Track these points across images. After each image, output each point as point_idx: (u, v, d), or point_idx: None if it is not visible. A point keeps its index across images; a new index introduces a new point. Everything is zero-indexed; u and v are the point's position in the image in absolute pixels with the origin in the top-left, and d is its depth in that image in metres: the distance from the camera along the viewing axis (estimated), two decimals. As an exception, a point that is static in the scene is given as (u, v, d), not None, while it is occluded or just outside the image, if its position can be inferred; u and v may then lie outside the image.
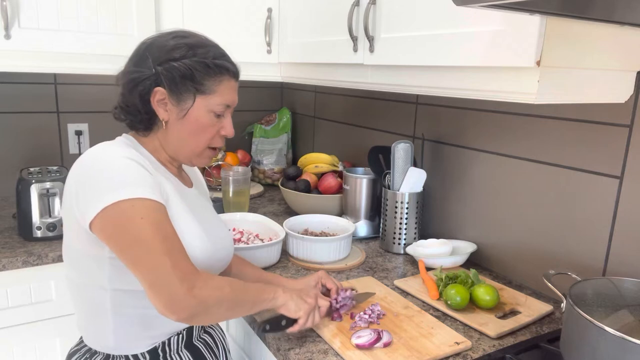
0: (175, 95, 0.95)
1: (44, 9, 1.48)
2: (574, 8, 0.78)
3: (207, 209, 1.11)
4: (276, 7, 1.67)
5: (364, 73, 1.31)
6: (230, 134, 1.02)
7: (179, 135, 0.98)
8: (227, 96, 0.98)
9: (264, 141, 2.35)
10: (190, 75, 0.94)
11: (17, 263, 1.37)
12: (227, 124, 1.01)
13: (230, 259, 1.11)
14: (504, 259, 1.39)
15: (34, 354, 1.46)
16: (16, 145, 1.92)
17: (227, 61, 0.99)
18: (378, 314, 1.09)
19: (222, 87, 0.97)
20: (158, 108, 0.96)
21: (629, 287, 0.94)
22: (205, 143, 1.00)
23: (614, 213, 1.11)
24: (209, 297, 0.85)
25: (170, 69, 0.94)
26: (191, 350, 1.01)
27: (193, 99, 0.95)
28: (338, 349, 0.98)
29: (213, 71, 0.96)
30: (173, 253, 0.84)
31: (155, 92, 0.94)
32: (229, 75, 0.98)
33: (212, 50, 0.97)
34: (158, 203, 0.86)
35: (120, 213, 0.83)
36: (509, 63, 0.90)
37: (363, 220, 1.65)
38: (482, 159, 1.42)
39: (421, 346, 0.98)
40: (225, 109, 1.00)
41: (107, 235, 0.85)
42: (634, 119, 1.06)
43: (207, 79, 0.95)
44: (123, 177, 0.85)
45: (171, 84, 0.94)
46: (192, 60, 0.94)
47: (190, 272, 0.84)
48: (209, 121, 0.98)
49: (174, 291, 0.81)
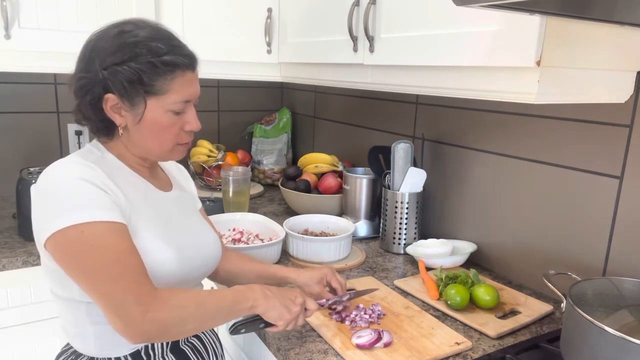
0: (127, 100, 0.89)
1: (44, 9, 1.49)
2: (574, 8, 0.78)
3: (185, 213, 1.05)
4: (276, 7, 1.67)
5: (363, 73, 1.31)
6: (196, 128, 0.96)
7: (140, 138, 0.93)
8: (183, 92, 0.91)
9: (264, 141, 2.35)
10: (139, 79, 0.87)
11: (17, 263, 1.37)
12: (191, 118, 0.95)
13: (213, 264, 1.06)
14: (504, 259, 1.39)
15: (34, 354, 1.46)
16: (16, 145, 1.92)
17: (179, 54, 0.90)
18: (378, 314, 1.09)
19: (175, 84, 0.90)
20: (113, 114, 0.91)
21: (629, 287, 0.94)
22: (171, 142, 0.95)
23: (614, 213, 1.11)
24: (167, 318, 0.81)
25: (117, 73, 0.87)
26: (177, 354, 0.99)
27: (145, 102, 0.89)
28: (338, 349, 0.98)
29: (162, 70, 0.88)
30: (126, 276, 0.80)
31: (107, 99, 0.89)
32: (182, 69, 0.91)
33: (161, 44, 0.89)
34: (111, 223, 0.83)
35: (69, 240, 0.81)
36: (509, 63, 0.90)
37: (363, 220, 1.65)
38: (482, 159, 1.42)
39: (421, 346, 0.98)
40: (185, 104, 0.93)
41: (59, 260, 0.84)
42: (634, 119, 1.06)
43: (156, 80, 0.89)
44: (73, 200, 0.82)
45: (120, 89, 0.88)
46: (139, 62, 0.87)
47: (145, 293, 0.81)
48: (169, 120, 0.92)
49: (128, 316, 0.79)
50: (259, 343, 1.14)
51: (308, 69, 1.57)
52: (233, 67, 1.73)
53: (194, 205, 1.13)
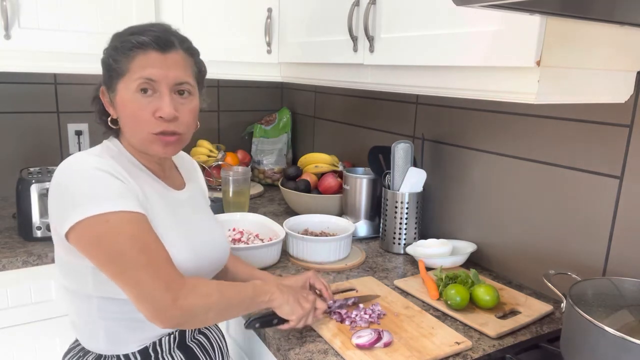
0: (108, 88, 0.94)
1: (44, 9, 1.49)
2: (574, 8, 0.78)
3: (196, 212, 1.06)
4: (276, 7, 1.67)
5: (364, 73, 1.31)
6: (167, 115, 0.89)
7: (124, 128, 0.94)
8: (144, 71, 0.89)
9: (264, 141, 2.35)
10: (108, 64, 0.91)
11: (17, 263, 1.37)
12: (163, 103, 0.89)
13: (224, 261, 1.08)
14: (504, 259, 1.39)
15: (34, 354, 1.46)
16: (16, 145, 1.92)
17: (142, 34, 0.89)
18: (378, 313, 1.09)
19: (136, 62, 0.89)
20: (108, 107, 0.95)
21: (629, 287, 0.94)
22: (144, 129, 0.91)
23: (614, 213, 1.11)
24: (195, 305, 0.84)
25: (102, 63, 0.94)
26: (184, 351, 1.00)
27: (116, 85, 0.91)
28: (338, 349, 0.98)
29: (122, 50, 0.90)
30: (154, 264, 0.82)
31: (102, 91, 0.95)
32: (144, 48, 0.89)
33: (129, 30, 0.92)
34: (134, 213, 0.84)
35: (94, 229, 0.82)
36: (509, 63, 0.90)
37: (363, 220, 1.65)
38: (482, 159, 1.42)
39: (422, 346, 0.98)
40: (150, 85, 0.89)
41: (84, 250, 0.84)
42: (634, 119, 1.06)
43: (119, 60, 0.90)
44: (95, 190, 0.83)
45: (104, 78, 0.94)
46: (108, 48, 0.93)
47: (173, 280, 0.83)
48: (137, 104, 0.89)
49: (158, 302, 0.81)
50: (259, 343, 1.14)
51: (308, 69, 1.57)
52: (233, 67, 1.73)
53: (205, 203, 1.14)
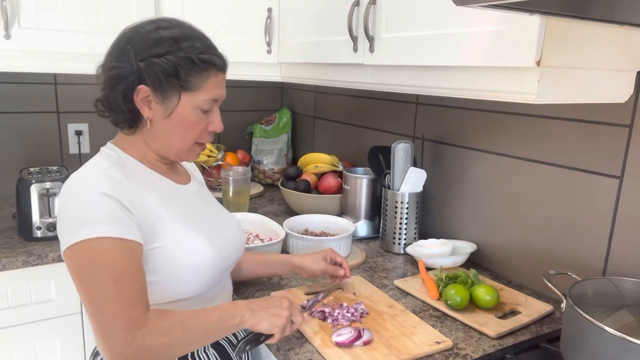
0: (160, 93, 0.91)
1: (44, 9, 1.48)
2: (574, 8, 0.78)
3: (208, 203, 1.08)
4: (276, 7, 1.67)
5: (364, 73, 1.31)
6: (219, 129, 0.99)
7: (165, 133, 0.95)
8: (214, 91, 0.94)
9: (264, 141, 2.35)
10: (175, 73, 0.90)
11: (17, 263, 1.37)
12: (216, 118, 0.98)
13: (241, 251, 1.10)
14: (504, 259, 1.39)
15: (34, 354, 1.46)
16: (16, 145, 1.91)
17: (214, 54, 0.95)
18: (361, 312, 1.09)
19: (208, 82, 0.93)
20: (142, 106, 0.92)
21: (629, 287, 0.94)
22: (193, 140, 0.97)
23: (614, 213, 1.11)
24: (153, 346, 0.81)
25: (153, 65, 0.89)
26: (217, 349, 1.00)
27: (179, 96, 0.92)
28: (318, 347, 0.98)
29: (199, 67, 0.91)
30: (121, 298, 0.80)
31: (139, 90, 0.90)
32: (216, 69, 0.94)
33: (197, 43, 0.92)
34: (120, 240, 0.83)
35: (77, 254, 0.82)
36: (509, 63, 0.90)
37: (363, 220, 1.65)
38: (482, 159, 1.42)
39: (401, 345, 0.98)
40: (213, 104, 0.96)
41: (70, 274, 0.85)
42: (634, 119, 1.06)
43: (192, 76, 0.91)
44: (86, 215, 0.83)
45: (155, 81, 0.90)
46: (177, 56, 0.90)
47: (134, 319, 0.80)
48: (196, 118, 0.94)
49: (115, 342, 0.79)
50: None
51: (308, 69, 1.57)
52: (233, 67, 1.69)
53: (212, 195, 1.15)
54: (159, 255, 0.90)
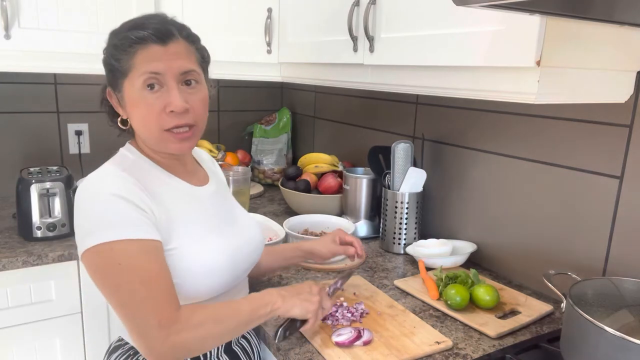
0: (114, 89, 0.92)
1: (44, 9, 1.48)
2: (574, 8, 0.78)
3: (225, 205, 1.06)
4: (276, 7, 1.67)
5: (364, 73, 1.31)
6: (178, 108, 0.88)
7: (136, 127, 0.93)
8: (146, 65, 0.87)
9: (264, 141, 2.35)
10: (110, 64, 0.90)
11: (17, 263, 1.37)
12: (172, 97, 0.87)
13: (260, 251, 1.09)
14: (504, 259, 1.39)
15: (34, 354, 1.46)
16: (16, 145, 1.91)
17: (140, 28, 0.87)
18: (361, 312, 1.09)
19: (138, 58, 0.87)
20: (117, 107, 0.94)
21: (629, 287, 0.94)
22: (155, 127, 0.89)
23: (614, 213, 1.11)
24: (188, 340, 0.82)
25: (103, 64, 0.92)
26: (230, 354, 1.01)
27: (121, 84, 0.90)
28: (318, 347, 0.98)
29: (122, 47, 0.87)
30: (150, 298, 0.81)
31: (108, 92, 0.94)
32: (144, 43, 0.87)
33: (126, 26, 0.90)
34: (141, 241, 0.83)
35: (99, 257, 0.82)
36: (509, 63, 0.90)
37: (363, 220, 1.65)
38: (482, 159, 1.42)
39: (401, 345, 0.98)
40: (157, 79, 0.87)
41: (91, 277, 0.85)
42: (634, 119, 1.06)
43: (120, 59, 0.88)
44: (105, 218, 0.83)
45: (108, 79, 0.92)
46: (108, 47, 0.90)
47: (167, 316, 0.81)
48: (144, 100, 0.88)
49: (150, 339, 0.80)
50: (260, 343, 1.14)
51: (308, 69, 1.57)
52: (233, 67, 1.73)
53: (231, 195, 1.14)
54: (172, 257, 0.90)
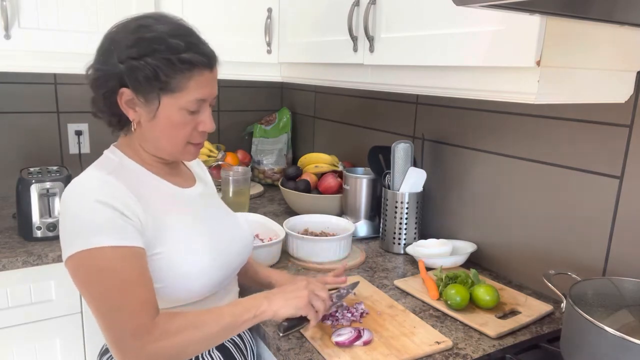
0: (142, 95, 0.88)
1: (44, 9, 1.48)
2: (574, 8, 0.78)
3: (212, 205, 1.07)
4: (276, 7, 1.67)
5: (364, 73, 1.31)
6: (210, 129, 0.95)
7: (153, 135, 0.93)
8: (199, 91, 0.90)
9: (264, 141, 2.35)
10: (154, 75, 0.86)
11: (17, 263, 1.37)
12: (206, 118, 0.93)
13: (248, 251, 1.08)
14: (504, 259, 1.39)
15: (34, 354, 1.46)
16: (16, 145, 1.91)
17: (198, 52, 0.89)
18: (361, 312, 1.09)
19: (192, 83, 0.89)
20: (127, 109, 0.90)
21: (629, 287, 0.94)
22: (183, 141, 0.93)
23: (614, 213, 1.11)
24: (165, 348, 0.81)
25: (133, 68, 0.86)
26: (222, 351, 1.00)
27: (159, 99, 0.88)
28: (318, 347, 0.98)
29: (179, 68, 0.87)
30: (127, 306, 0.80)
31: (121, 93, 0.89)
32: (200, 68, 0.89)
33: (178, 41, 0.87)
34: (122, 248, 0.82)
35: (81, 264, 0.82)
36: (509, 63, 0.90)
37: (363, 220, 1.65)
38: (482, 159, 1.42)
39: (401, 345, 0.98)
40: (200, 104, 0.92)
41: (74, 282, 0.85)
42: (634, 119, 1.06)
43: (173, 77, 0.87)
44: (87, 225, 0.83)
45: (136, 84, 0.87)
46: (155, 58, 0.86)
47: (142, 326, 0.80)
48: (183, 119, 0.91)
49: (126, 350, 0.80)
50: (260, 343, 1.14)
51: (308, 69, 1.57)
52: (233, 67, 1.72)
53: (218, 196, 1.14)
54: (160, 261, 0.89)
